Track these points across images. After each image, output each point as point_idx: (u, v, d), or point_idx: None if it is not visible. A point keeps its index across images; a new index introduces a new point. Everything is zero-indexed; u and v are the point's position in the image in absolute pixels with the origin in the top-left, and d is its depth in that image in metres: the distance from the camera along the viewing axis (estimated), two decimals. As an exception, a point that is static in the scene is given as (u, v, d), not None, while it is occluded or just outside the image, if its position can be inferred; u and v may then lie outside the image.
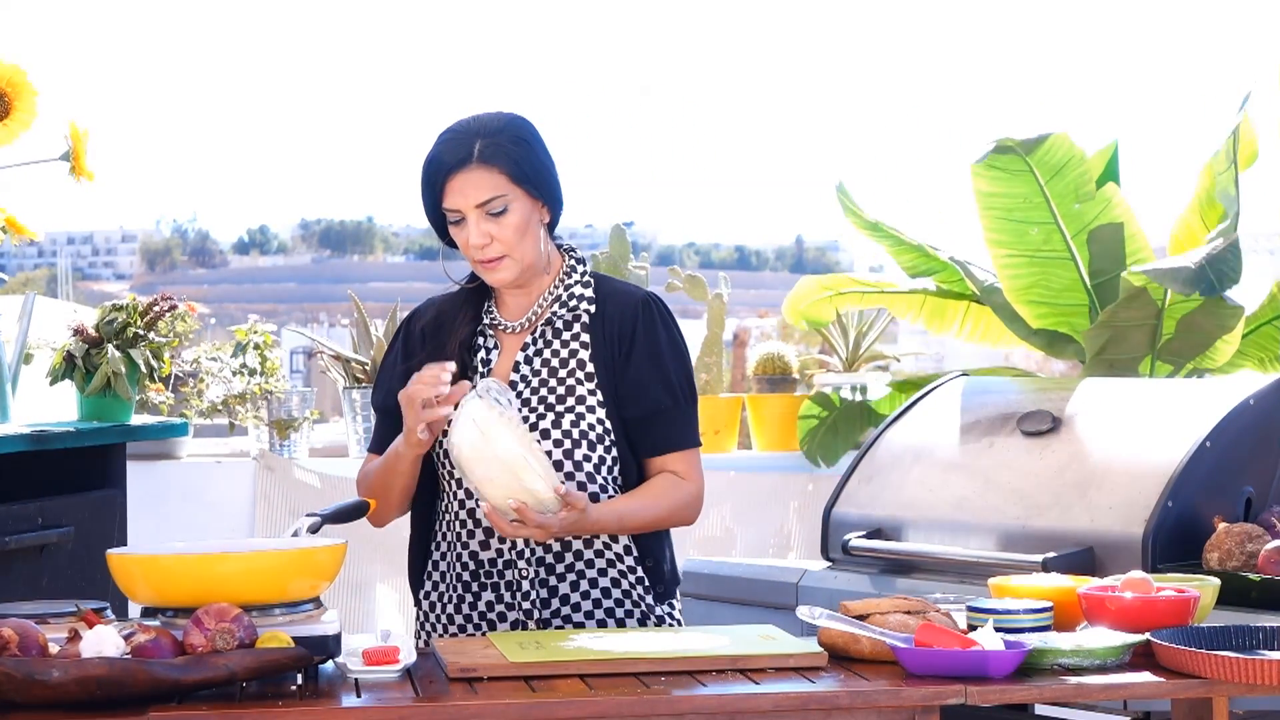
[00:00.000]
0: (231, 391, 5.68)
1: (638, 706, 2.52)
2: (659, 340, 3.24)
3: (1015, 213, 5.56)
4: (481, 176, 3.13)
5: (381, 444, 3.29)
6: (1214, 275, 5.04)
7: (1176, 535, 3.69)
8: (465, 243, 3.17)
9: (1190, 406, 3.92)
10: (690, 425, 3.26)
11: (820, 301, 5.97)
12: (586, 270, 3.29)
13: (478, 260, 3.18)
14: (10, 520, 3.75)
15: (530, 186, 3.17)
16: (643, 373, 3.21)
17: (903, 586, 3.96)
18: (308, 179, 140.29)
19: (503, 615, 3.19)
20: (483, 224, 3.14)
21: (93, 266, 71.90)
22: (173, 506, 5.49)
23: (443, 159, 3.15)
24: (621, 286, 3.30)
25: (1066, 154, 5.44)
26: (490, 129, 3.16)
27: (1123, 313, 5.34)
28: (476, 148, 3.14)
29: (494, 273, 3.19)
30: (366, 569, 5.41)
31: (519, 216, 3.16)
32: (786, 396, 6.23)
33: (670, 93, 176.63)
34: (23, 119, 3.90)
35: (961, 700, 2.56)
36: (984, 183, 5.55)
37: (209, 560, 2.66)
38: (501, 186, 3.14)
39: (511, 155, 3.15)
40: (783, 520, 5.95)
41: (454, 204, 3.15)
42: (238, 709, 2.46)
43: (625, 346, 3.22)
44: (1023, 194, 5.50)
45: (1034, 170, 5.43)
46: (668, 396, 3.22)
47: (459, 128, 3.18)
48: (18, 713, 2.43)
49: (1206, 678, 2.60)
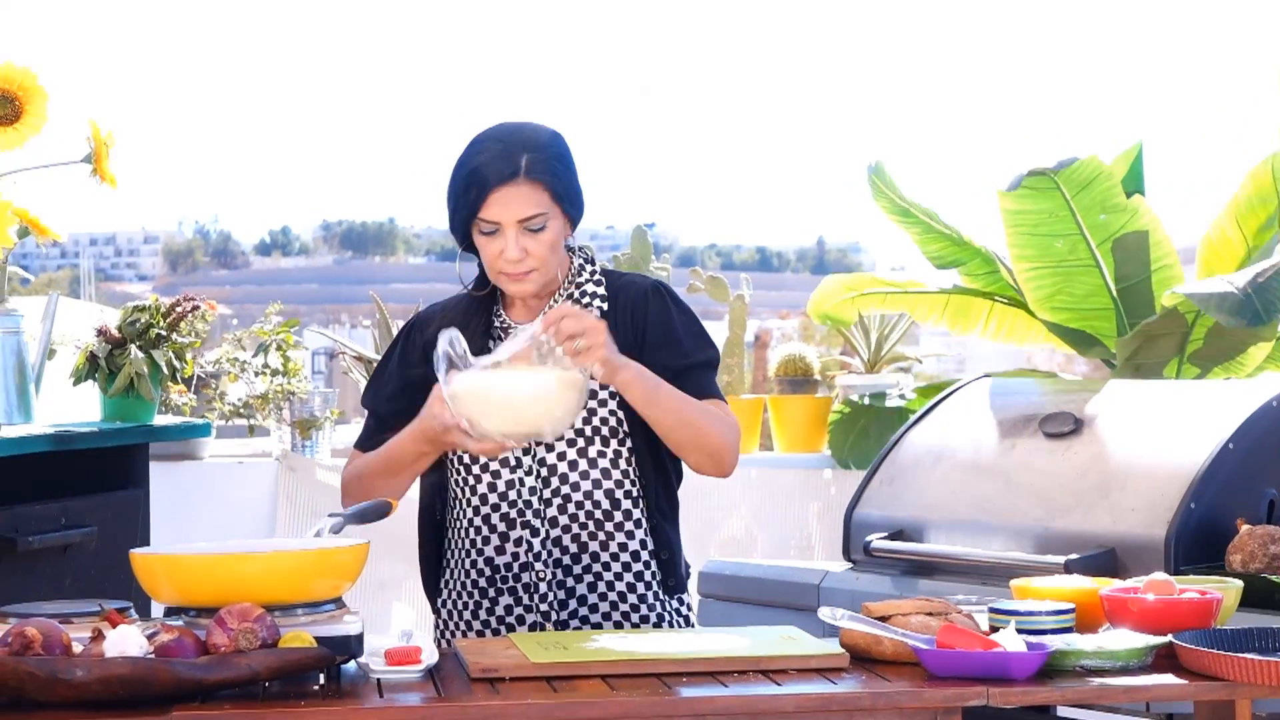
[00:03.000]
0: (254, 392, 5.69)
1: (659, 707, 2.52)
2: (670, 314, 3.23)
3: (1040, 228, 5.55)
4: (527, 192, 3.11)
5: (369, 443, 3.28)
6: (1260, 304, 5.01)
7: (1199, 537, 3.68)
8: (496, 253, 3.14)
9: (1213, 408, 3.91)
10: (714, 383, 3.23)
11: (844, 301, 5.97)
12: (596, 269, 3.29)
13: (506, 273, 3.16)
14: (34, 520, 3.76)
15: (567, 205, 3.16)
16: (660, 345, 3.19)
17: (924, 588, 3.95)
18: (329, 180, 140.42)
19: (521, 618, 3.19)
20: (521, 239, 3.12)
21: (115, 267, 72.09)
22: (195, 507, 5.50)
23: (487, 170, 3.10)
24: (630, 278, 3.30)
25: (1094, 171, 5.43)
26: (536, 144, 3.13)
27: (1156, 325, 5.33)
28: (524, 163, 3.11)
29: (519, 284, 3.17)
30: (388, 569, 5.42)
31: (554, 234, 3.15)
32: (808, 398, 6.23)
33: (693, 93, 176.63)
34: (33, 123, 3.90)
35: (983, 702, 2.56)
36: (1011, 202, 5.55)
37: (232, 560, 2.67)
38: (544, 204, 3.12)
39: (556, 173, 3.13)
40: (804, 521, 5.95)
41: (495, 216, 3.11)
42: (260, 709, 2.47)
43: (639, 329, 3.21)
44: (1049, 210, 5.50)
45: (1061, 188, 5.43)
46: (687, 357, 3.19)
47: (503, 138, 3.14)
48: (41, 712, 2.43)
49: (1229, 680, 2.59)
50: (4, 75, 3.87)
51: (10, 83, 3.88)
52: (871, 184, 5.93)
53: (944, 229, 5.86)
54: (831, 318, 6.04)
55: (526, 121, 3.21)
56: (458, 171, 3.16)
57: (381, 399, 3.31)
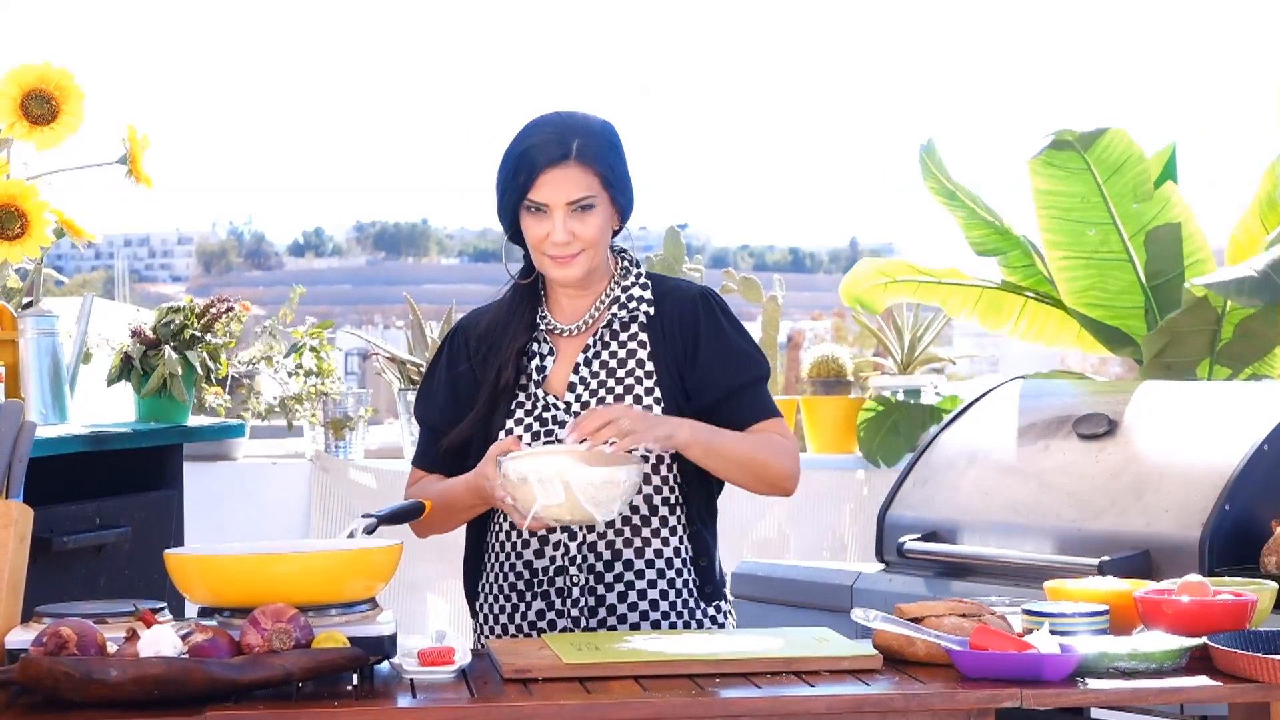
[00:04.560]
0: (288, 392, 5.70)
1: (692, 708, 2.52)
2: (723, 329, 3.23)
3: (1073, 212, 5.53)
4: (577, 174, 3.12)
5: (425, 457, 3.31)
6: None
7: (1233, 539, 3.67)
8: (543, 235, 3.14)
9: (1248, 409, 3.90)
10: (768, 398, 3.24)
11: (876, 287, 5.95)
12: (641, 271, 3.29)
13: (551, 255, 3.16)
14: (68, 520, 3.77)
15: (616, 192, 3.17)
16: (714, 362, 3.20)
17: (958, 589, 3.95)
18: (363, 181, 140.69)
19: (552, 624, 3.18)
20: (569, 221, 3.13)
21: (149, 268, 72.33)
22: (229, 507, 5.51)
23: (537, 152, 3.12)
24: (675, 284, 3.30)
25: (1125, 151, 5.41)
26: (587, 129, 3.15)
27: (1182, 320, 5.31)
28: (575, 145, 3.12)
29: (565, 269, 3.17)
30: (422, 570, 5.42)
31: (602, 218, 3.16)
32: (841, 399, 6.22)
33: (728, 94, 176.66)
34: (70, 122, 3.91)
35: (1017, 703, 2.56)
36: (1042, 180, 5.53)
37: (265, 560, 2.68)
38: (594, 187, 3.14)
39: (606, 158, 3.15)
40: (837, 523, 5.94)
41: (544, 197, 3.12)
42: (294, 709, 2.48)
43: (690, 343, 3.21)
44: (1080, 193, 5.48)
45: (1092, 169, 5.41)
46: (743, 374, 3.20)
47: (554, 121, 3.16)
48: (76, 711, 2.44)
49: (1264, 682, 2.58)
50: (41, 76, 3.89)
51: (47, 83, 3.89)
52: (922, 163, 5.90)
53: (987, 214, 5.84)
54: (862, 302, 6.01)
55: (579, 111, 3.22)
56: (508, 155, 3.17)
57: (434, 411, 3.31)
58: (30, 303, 4.06)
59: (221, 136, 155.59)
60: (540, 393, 3.21)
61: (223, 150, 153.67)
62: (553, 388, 3.22)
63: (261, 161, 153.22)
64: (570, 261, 3.16)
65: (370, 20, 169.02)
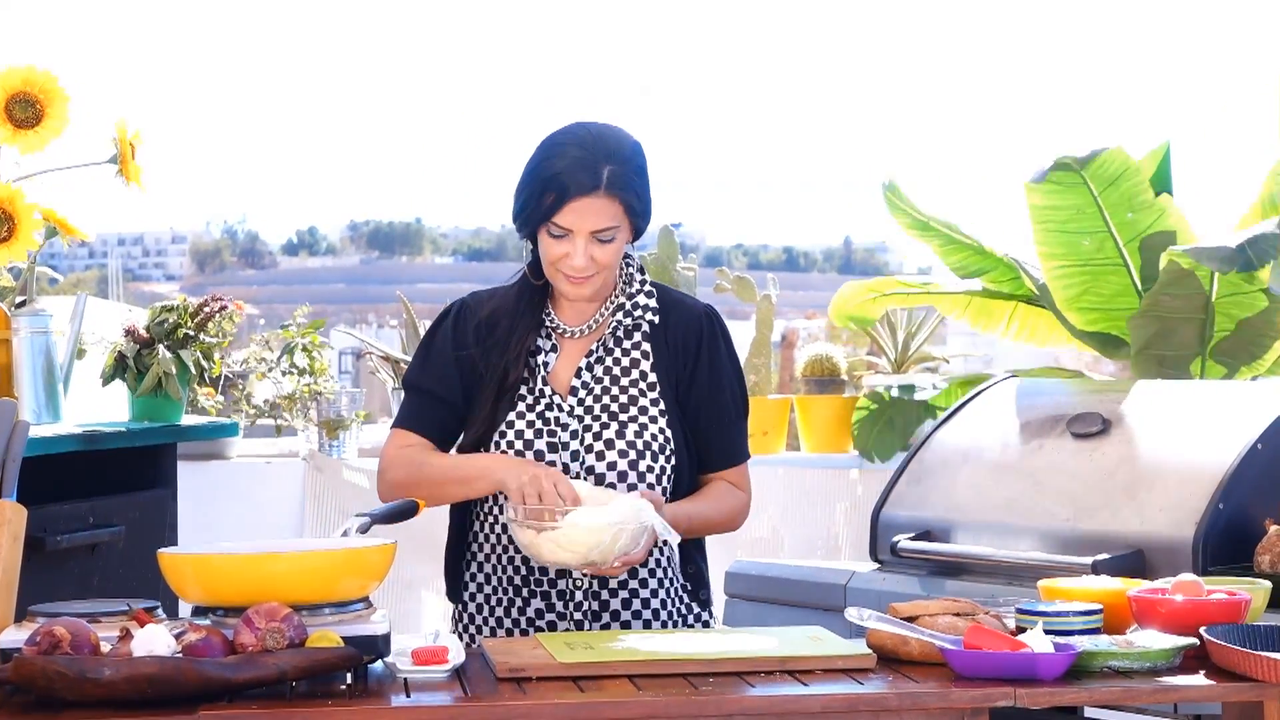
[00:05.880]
0: (281, 392, 5.70)
1: (686, 707, 2.52)
2: (720, 355, 3.26)
3: (1069, 224, 5.54)
4: (604, 205, 3.10)
5: (417, 420, 3.26)
6: (1253, 253, 5.01)
7: (1227, 538, 3.67)
8: (561, 255, 3.13)
9: (1241, 408, 3.90)
10: (744, 438, 3.30)
11: (866, 303, 5.96)
12: (647, 279, 3.29)
13: (568, 275, 3.16)
14: (62, 519, 3.77)
15: (638, 219, 3.17)
16: (706, 388, 3.24)
17: (952, 588, 3.95)
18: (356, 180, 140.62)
19: (552, 624, 3.18)
20: (590, 248, 3.12)
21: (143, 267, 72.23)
22: (223, 506, 5.51)
23: (567, 178, 3.09)
24: (680, 297, 3.31)
25: (1121, 166, 5.42)
26: (618, 155, 3.12)
27: (1167, 300, 5.31)
28: (605, 175, 3.10)
29: (579, 288, 3.18)
30: (415, 569, 5.42)
31: (620, 244, 3.16)
32: (835, 398, 6.22)
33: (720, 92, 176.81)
34: (54, 126, 3.91)
35: (1011, 702, 2.56)
36: (1038, 197, 5.54)
37: (259, 560, 2.68)
38: (618, 217, 3.13)
39: (634, 188, 3.13)
40: (831, 522, 5.95)
41: (569, 224, 3.10)
42: (287, 708, 2.47)
43: (690, 360, 3.23)
44: (1076, 206, 5.49)
45: (1088, 183, 5.42)
46: (728, 412, 3.25)
47: (585, 143, 3.12)
48: (70, 710, 2.44)
49: (1257, 679, 2.58)
50: (25, 79, 3.89)
51: (32, 86, 3.89)
52: (887, 201, 5.94)
53: (965, 239, 5.86)
54: (855, 318, 6.03)
55: (608, 126, 3.19)
56: (535, 174, 3.13)
57: (431, 376, 3.27)
58: (24, 302, 4.06)
59: (215, 135, 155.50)
60: (544, 388, 3.21)
61: (216, 149, 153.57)
62: (556, 385, 3.22)
63: (255, 161, 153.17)
64: (585, 283, 3.17)
65: (366, 18, 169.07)
